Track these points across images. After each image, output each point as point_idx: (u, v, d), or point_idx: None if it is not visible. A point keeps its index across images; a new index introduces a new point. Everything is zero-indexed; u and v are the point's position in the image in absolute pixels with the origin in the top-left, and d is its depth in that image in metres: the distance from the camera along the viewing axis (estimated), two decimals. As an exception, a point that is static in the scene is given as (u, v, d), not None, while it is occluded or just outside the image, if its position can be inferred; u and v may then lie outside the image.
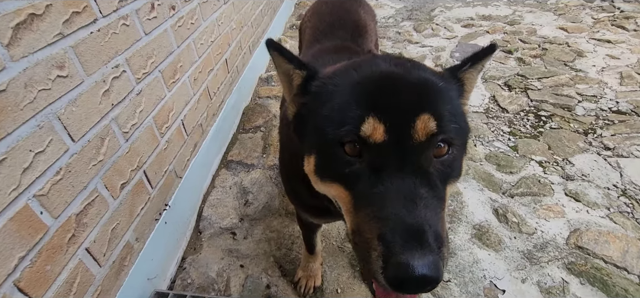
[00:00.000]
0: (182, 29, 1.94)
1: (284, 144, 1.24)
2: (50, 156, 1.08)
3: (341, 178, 0.71)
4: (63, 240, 1.13)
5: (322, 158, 0.75)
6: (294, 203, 1.29)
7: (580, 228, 1.78)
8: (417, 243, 0.56)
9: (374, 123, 0.66)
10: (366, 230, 0.62)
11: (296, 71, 0.82)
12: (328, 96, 0.76)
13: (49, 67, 1.10)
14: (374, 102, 0.69)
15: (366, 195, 0.65)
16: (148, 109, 1.61)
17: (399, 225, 0.59)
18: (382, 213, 0.61)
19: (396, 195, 0.62)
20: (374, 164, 0.67)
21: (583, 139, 2.37)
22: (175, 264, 1.77)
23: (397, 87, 0.73)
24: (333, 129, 0.70)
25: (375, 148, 0.66)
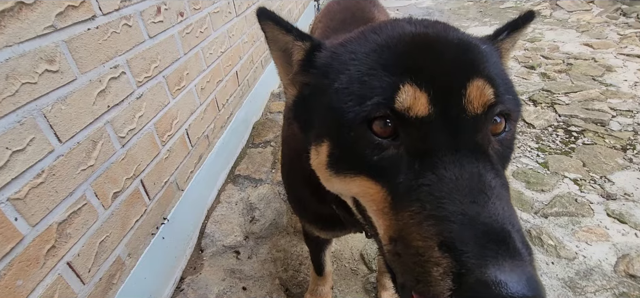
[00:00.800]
0: (190, 36, 1.88)
1: (285, 141, 1.10)
2: (31, 156, 0.98)
3: (369, 168, 0.54)
4: (40, 251, 1.00)
5: (338, 146, 0.58)
6: (298, 213, 1.14)
7: (630, 254, 1.55)
8: (503, 250, 0.39)
9: (413, 90, 0.50)
10: (418, 237, 0.44)
11: (296, 42, 0.68)
12: (342, 66, 0.60)
13: (37, 60, 1.01)
14: (410, 64, 0.53)
15: (412, 187, 0.48)
16: (149, 115, 1.51)
17: (471, 226, 0.41)
18: (442, 211, 0.43)
19: (457, 185, 0.45)
20: (417, 147, 0.51)
21: (622, 155, 2.15)
22: (173, 285, 1.62)
23: (435, 47, 0.57)
24: (354, 105, 0.53)
25: (417, 124, 0.50)
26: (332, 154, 0.59)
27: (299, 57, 0.69)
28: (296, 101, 0.73)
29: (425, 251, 0.43)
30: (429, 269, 0.42)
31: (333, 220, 1.00)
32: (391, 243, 0.50)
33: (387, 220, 0.51)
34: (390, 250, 0.51)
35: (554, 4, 5.38)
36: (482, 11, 5.74)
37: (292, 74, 0.72)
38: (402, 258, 0.47)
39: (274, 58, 0.74)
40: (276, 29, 0.67)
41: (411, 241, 0.45)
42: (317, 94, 0.65)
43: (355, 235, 1.79)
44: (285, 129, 1.09)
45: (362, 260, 1.67)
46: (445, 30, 0.63)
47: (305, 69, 0.69)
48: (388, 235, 0.51)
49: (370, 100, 0.52)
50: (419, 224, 0.45)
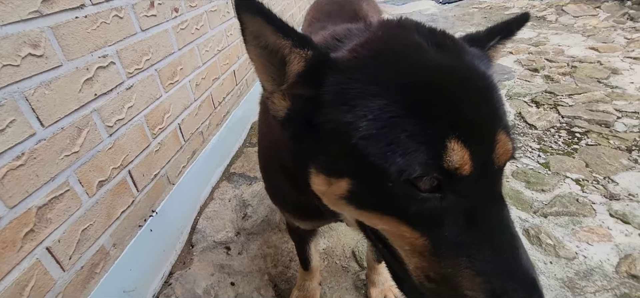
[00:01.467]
0: (185, 32, 1.89)
1: (261, 131, 1.04)
2: (10, 137, 0.98)
3: (405, 215, 0.54)
4: (18, 234, 0.99)
5: (366, 188, 0.56)
6: (275, 202, 1.11)
7: (633, 254, 1.48)
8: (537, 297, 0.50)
9: (460, 149, 0.50)
10: (467, 285, 0.51)
11: (295, 50, 0.56)
12: (364, 99, 0.54)
13: (20, 43, 1.01)
14: (449, 116, 0.52)
15: (457, 242, 0.52)
16: (139, 107, 1.51)
17: (513, 280, 0.50)
18: (489, 267, 0.50)
19: (496, 241, 0.52)
20: (459, 202, 0.53)
21: (627, 156, 2.08)
22: (161, 279, 1.59)
23: (465, 89, 0.55)
24: (394, 159, 0.50)
25: (461, 180, 0.51)
26: (355, 192, 0.57)
27: (297, 68, 0.58)
28: (290, 115, 0.63)
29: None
30: None
31: (311, 209, 0.97)
32: (430, 281, 0.55)
33: (425, 262, 0.55)
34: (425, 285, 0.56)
35: (559, 10, 5.32)
36: (486, 17, 5.72)
37: (285, 85, 0.60)
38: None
39: (251, 57, 0.59)
40: (267, 26, 0.54)
41: (459, 289, 0.51)
42: (332, 124, 0.57)
43: (348, 233, 1.75)
44: (262, 119, 1.03)
45: (354, 257, 1.63)
46: (461, 56, 0.60)
47: (306, 83, 0.59)
48: (424, 274, 0.56)
49: (415, 157, 0.50)
50: (470, 277, 0.50)
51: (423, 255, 0.55)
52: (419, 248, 0.55)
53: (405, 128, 0.51)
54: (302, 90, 0.60)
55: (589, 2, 5.28)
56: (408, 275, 0.60)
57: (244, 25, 0.54)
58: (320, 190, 0.63)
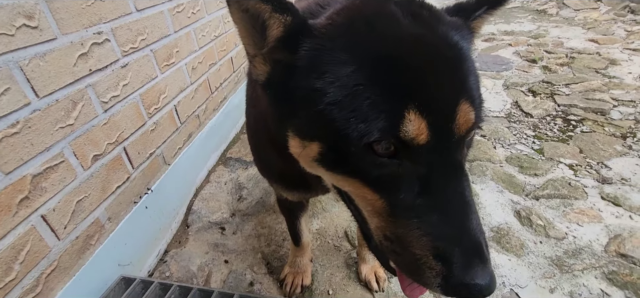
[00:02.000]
0: (181, 15, 1.90)
1: (249, 102, 1.04)
2: (5, 105, 1.00)
3: (367, 178, 0.58)
4: (13, 200, 1.02)
5: (332, 151, 0.59)
6: (264, 173, 1.13)
7: (623, 234, 1.49)
8: (478, 260, 0.53)
9: (417, 120, 0.52)
10: (416, 246, 0.55)
11: (275, 14, 0.57)
12: (334, 66, 0.56)
13: (15, 14, 1.03)
14: (412, 85, 0.54)
15: (412, 206, 0.55)
16: (134, 85, 1.53)
17: (457, 242, 0.54)
18: (437, 229, 0.54)
19: (447, 206, 0.55)
20: (415, 168, 0.55)
21: (621, 142, 2.09)
22: (156, 256, 1.62)
23: (430, 60, 0.56)
24: (356, 125, 0.53)
25: (417, 149, 0.54)
26: (324, 154, 0.59)
27: (276, 33, 0.59)
28: (270, 80, 0.65)
29: (422, 257, 0.54)
30: (424, 270, 0.55)
31: (297, 179, 0.99)
32: (386, 240, 0.59)
33: (383, 222, 0.59)
34: (383, 243, 0.60)
35: (560, 3, 5.31)
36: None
37: (265, 49, 0.62)
38: (400, 256, 0.58)
39: (234, 20, 0.60)
40: None
41: (409, 247, 0.55)
42: (303, 89, 0.59)
43: (341, 214, 1.77)
44: (250, 90, 1.03)
45: (346, 237, 1.65)
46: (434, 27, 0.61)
47: (284, 48, 0.61)
48: (382, 233, 0.60)
49: (373, 123, 0.52)
50: (419, 237, 0.55)
51: (382, 215, 0.59)
52: (379, 209, 0.59)
53: (368, 96, 0.53)
54: (281, 55, 0.61)
55: (590, -5, 5.25)
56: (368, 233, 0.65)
57: None
58: (296, 152, 0.65)
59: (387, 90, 0.53)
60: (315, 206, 1.84)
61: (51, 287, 1.13)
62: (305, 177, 0.94)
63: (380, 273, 1.40)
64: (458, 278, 0.52)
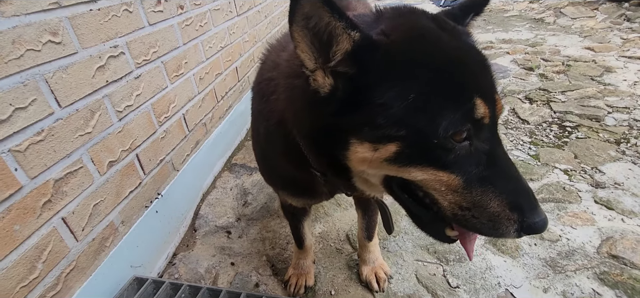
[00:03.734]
0: (190, 28, 2.00)
1: (261, 115, 1.05)
2: (32, 114, 1.08)
3: (443, 163, 0.67)
4: (37, 202, 1.09)
5: (411, 147, 0.67)
6: (271, 182, 1.20)
7: (614, 236, 1.55)
8: (536, 204, 0.68)
9: (482, 104, 0.66)
10: (494, 205, 0.67)
11: (346, 31, 0.63)
12: (410, 74, 0.65)
13: (41, 31, 1.12)
14: (472, 83, 0.68)
15: (482, 176, 0.68)
16: (146, 95, 1.61)
17: (521, 195, 0.68)
18: (506, 189, 0.67)
19: (507, 170, 0.70)
20: (482, 146, 0.69)
21: (615, 148, 2.15)
22: (165, 259, 1.69)
23: (476, 62, 0.72)
24: (441, 121, 0.64)
25: (482, 128, 0.68)
26: (401, 152, 0.67)
27: (345, 47, 0.65)
28: (334, 93, 0.69)
29: (500, 213, 0.67)
30: (503, 222, 0.67)
31: (305, 186, 1.07)
32: (463, 210, 0.70)
33: (459, 196, 0.69)
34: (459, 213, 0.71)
35: (557, 12, 5.40)
36: (485, 19, 5.79)
37: (333, 63, 0.67)
38: (478, 219, 0.69)
39: (296, 37, 0.64)
40: (322, 8, 0.60)
41: (488, 208, 0.68)
42: (381, 98, 0.65)
43: (343, 218, 1.84)
44: (259, 103, 1.05)
45: (348, 240, 1.72)
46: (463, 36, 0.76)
47: (352, 61, 0.66)
48: (458, 206, 0.70)
49: (456, 117, 0.64)
50: (495, 197, 0.67)
51: (457, 191, 0.69)
52: (454, 186, 0.69)
53: (444, 95, 0.65)
54: (346, 68, 0.68)
55: (587, 4, 5.35)
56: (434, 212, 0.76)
57: (298, 5, 0.60)
58: (363, 157, 0.71)
59: (457, 88, 0.66)
60: (318, 210, 1.91)
61: (70, 286, 1.20)
62: (312, 182, 1.01)
63: (381, 274, 1.46)
64: (530, 220, 0.66)
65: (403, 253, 1.61)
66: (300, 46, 0.65)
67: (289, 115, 0.85)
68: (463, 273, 1.49)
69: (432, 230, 0.81)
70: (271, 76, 0.95)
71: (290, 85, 0.82)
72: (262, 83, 1.00)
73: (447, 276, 1.49)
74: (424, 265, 1.55)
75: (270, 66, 0.98)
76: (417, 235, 1.69)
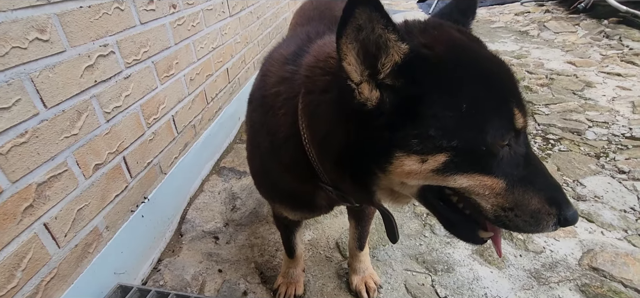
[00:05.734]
0: (182, 28, 1.96)
1: (261, 128, 1.01)
2: (15, 115, 1.03)
3: (488, 168, 0.71)
4: (18, 208, 1.04)
5: (461, 156, 0.69)
6: (269, 195, 1.18)
7: (595, 249, 1.61)
8: (567, 198, 0.73)
9: (519, 113, 0.70)
10: (534, 202, 0.71)
11: (398, 43, 0.63)
12: (460, 85, 0.68)
13: (28, 28, 1.07)
14: (509, 90, 0.72)
15: (522, 176, 0.72)
16: (136, 96, 1.57)
17: (555, 190, 0.73)
18: (543, 186, 0.72)
19: (540, 169, 0.75)
20: (519, 149, 0.73)
21: (595, 162, 2.23)
22: (150, 265, 1.64)
23: (506, 71, 0.75)
24: (491, 129, 0.68)
25: (520, 135, 0.73)
26: (450, 162, 0.69)
27: (394, 59, 0.65)
28: (381, 106, 0.68)
29: (541, 209, 0.71)
30: (543, 217, 0.72)
31: (305, 200, 1.06)
32: (505, 211, 0.73)
33: (501, 198, 0.72)
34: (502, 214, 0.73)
35: (541, 25, 5.57)
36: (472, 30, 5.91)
37: (382, 75, 0.67)
38: (520, 217, 0.72)
39: (344, 49, 0.63)
40: (377, 20, 0.60)
41: (527, 206, 0.72)
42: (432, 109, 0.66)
43: (332, 225, 1.84)
44: (263, 116, 0.99)
45: (337, 248, 1.71)
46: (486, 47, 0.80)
47: (401, 74, 0.66)
48: (501, 207, 0.73)
49: (502, 124, 0.69)
50: (533, 196, 0.72)
51: (500, 194, 0.72)
52: (498, 189, 0.72)
53: (491, 106, 0.69)
54: (394, 80, 0.67)
55: (568, 19, 5.55)
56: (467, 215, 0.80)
57: (353, 17, 0.59)
58: (409, 169, 0.71)
59: (500, 98, 0.70)
60: (308, 217, 1.90)
61: (50, 295, 1.15)
62: (313, 196, 1.01)
63: (371, 284, 1.46)
64: (566, 213, 0.71)
65: (392, 262, 1.62)
66: (348, 58, 0.64)
67: (310, 131, 0.82)
68: (451, 284, 1.51)
69: (464, 233, 0.84)
70: (279, 90, 0.91)
71: (313, 101, 0.79)
72: (268, 97, 0.95)
73: (436, 286, 1.50)
74: (413, 274, 1.56)
75: (277, 80, 0.94)
76: (407, 244, 1.71)
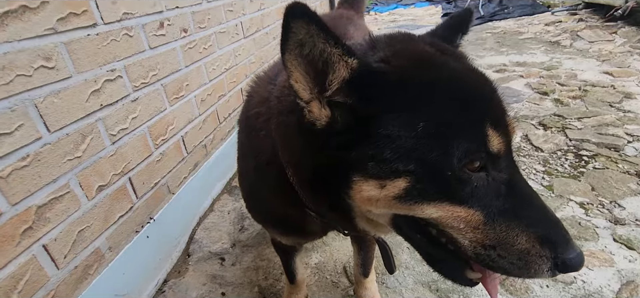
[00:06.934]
0: (193, 51, 2.00)
1: (247, 150, 1.01)
2: (17, 140, 1.07)
3: (459, 197, 0.61)
4: (17, 230, 1.07)
5: (423, 181, 0.61)
6: (260, 219, 1.14)
7: (636, 280, 1.41)
8: (568, 237, 0.61)
9: (495, 134, 0.62)
10: (522, 241, 0.61)
11: (343, 58, 0.59)
12: (418, 102, 0.61)
13: (34, 56, 1.12)
14: (483, 109, 0.64)
15: (505, 209, 0.62)
16: (143, 118, 1.60)
17: (551, 227, 0.61)
18: (533, 221, 0.61)
19: (531, 199, 0.64)
20: (499, 176, 0.63)
21: (636, 180, 2.00)
22: (155, 286, 1.64)
23: (484, 86, 0.67)
24: (454, 150, 0.59)
25: (498, 159, 0.63)
26: (411, 188, 0.61)
27: (342, 75, 0.60)
28: (331, 125, 0.64)
29: (530, 249, 0.60)
30: (534, 260, 0.60)
31: (295, 225, 1.01)
32: (486, 249, 0.62)
33: (480, 233, 0.62)
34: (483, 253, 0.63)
35: (574, 35, 5.27)
36: (499, 42, 5.71)
37: (329, 92, 0.62)
38: (505, 259, 0.61)
39: (289, 66, 0.59)
40: (317, 34, 0.56)
41: (515, 245, 0.60)
42: (387, 129, 0.60)
43: (341, 248, 1.76)
44: (247, 138, 1.00)
45: (345, 273, 1.63)
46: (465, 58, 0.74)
47: (351, 90, 0.62)
48: (481, 244, 0.63)
49: (470, 147, 0.60)
50: (522, 232, 0.60)
51: (477, 228, 0.62)
52: (474, 223, 0.62)
53: (457, 124, 0.60)
54: (345, 98, 0.63)
55: (604, 27, 5.21)
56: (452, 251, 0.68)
57: (291, 32, 0.55)
58: (369, 195, 0.64)
59: (468, 115, 0.62)
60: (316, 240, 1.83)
61: (48, 316, 1.16)
62: (303, 220, 0.95)
63: (377, 313, 1.37)
64: (564, 255, 0.59)
65: (403, 290, 1.51)
66: (294, 75, 0.60)
67: (284, 154, 0.79)
68: (466, 316, 1.38)
69: (449, 271, 0.73)
70: (259, 111, 0.90)
71: (283, 122, 0.77)
72: (250, 118, 0.94)
73: (449, 318, 1.38)
74: (424, 304, 1.44)
75: (259, 101, 0.93)
76: (419, 271, 1.59)
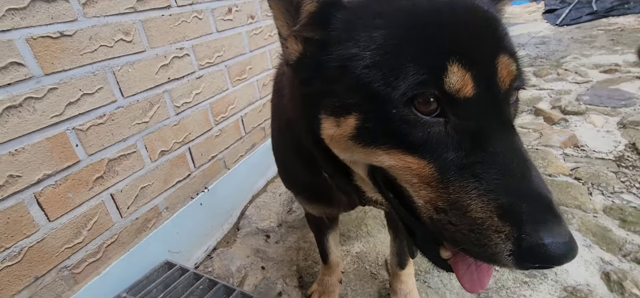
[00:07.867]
0: (258, 37, 2.11)
1: (275, 111, 1.05)
2: (97, 100, 1.25)
3: (411, 145, 0.54)
4: (90, 177, 1.25)
5: (371, 120, 0.56)
6: (288, 185, 1.14)
7: None
8: (551, 215, 0.46)
9: (459, 71, 0.51)
10: (479, 208, 0.48)
11: None
12: (370, 33, 0.56)
13: (116, 30, 1.30)
14: (450, 41, 0.53)
15: (465, 165, 0.51)
16: (206, 95, 1.74)
17: (524, 197, 0.47)
18: (498, 186, 0.48)
19: (505, 160, 0.50)
20: (464, 125, 0.53)
21: None
22: (205, 251, 1.77)
23: (466, 20, 0.57)
24: (397, 82, 0.51)
25: (464, 103, 0.52)
26: (362, 127, 0.57)
27: (309, 8, 0.61)
28: (301, 60, 0.65)
29: (485, 220, 0.47)
30: (490, 235, 0.47)
31: (321, 191, 0.99)
32: (438, 213, 0.53)
33: (433, 192, 0.53)
34: (435, 217, 0.54)
35: None
36: (613, 40, 4.82)
37: (297, 26, 0.63)
38: (457, 227, 0.50)
39: (272, 5, 0.64)
40: None
41: (469, 213, 0.49)
42: (338, 60, 0.59)
43: (385, 241, 1.67)
44: (274, 98, 1.05)
45: (386, 265, 1.54)
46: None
47: (317, 24, 0.62)
48: (433, 206, 0.53)
49: (415, 78, 0.51)
50: (478, 197, 0.48)
51: (430, 185, 0.53)
52: (426, 178, 0.53)
53: (407, 54, 0.52)
54: (313, 32, 0.63)
55: None
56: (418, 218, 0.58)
57: None
58: (330, 135, 0.62)
59: (426, 47, 0.53)
60: (361, 228, 1.77)
61: (109, 256, 1.33)
62: (328, 188, 0.93)
63: (412, 310, 1.26)
64: (532, 238, 0.44)
65: (447, 293, 1.37)
66: (274, 13, 0.64)
67: (288, 107, 0.81)
68: (521, 337, 1.18)
69: (426, 247, 0.63)
70: (284, 70, 0.91)
71: (287, 75, 0.79)
72: (277, 77, 1.00)
73: (499, 335, 1.20)
74: (470, 314, 1.28)
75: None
76: (469, 278, 1.42)
